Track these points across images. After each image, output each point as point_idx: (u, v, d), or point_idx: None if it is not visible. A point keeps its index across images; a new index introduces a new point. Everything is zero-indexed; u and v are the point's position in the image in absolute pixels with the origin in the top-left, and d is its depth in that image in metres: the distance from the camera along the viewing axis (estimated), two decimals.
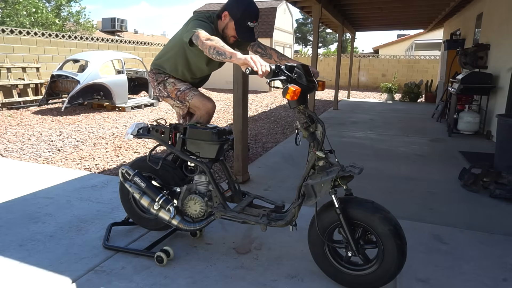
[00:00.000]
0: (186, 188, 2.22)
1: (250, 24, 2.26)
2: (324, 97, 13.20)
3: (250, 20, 2.25)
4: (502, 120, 3.89)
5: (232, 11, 2.24)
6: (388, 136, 6.12)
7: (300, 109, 1.85)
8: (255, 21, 2.28)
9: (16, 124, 6.47)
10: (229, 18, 2.26)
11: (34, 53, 9.27)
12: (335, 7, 8.09)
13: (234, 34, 2.30)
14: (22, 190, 3.26)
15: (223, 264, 2.17)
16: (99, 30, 23.49)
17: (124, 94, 8.45)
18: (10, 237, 2.43)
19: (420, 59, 17.07)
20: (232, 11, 2.24)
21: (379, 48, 24.23)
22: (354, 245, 1.85)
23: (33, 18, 13.82)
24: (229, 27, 2.29)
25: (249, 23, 2.25)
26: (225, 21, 2.29)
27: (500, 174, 3.46)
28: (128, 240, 2.41)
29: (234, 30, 2.27)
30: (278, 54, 2.45)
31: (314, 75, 1.91)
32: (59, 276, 2.01)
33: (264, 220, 2.03)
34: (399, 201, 3.22)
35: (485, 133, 6.12)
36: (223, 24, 2.31)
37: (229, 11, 2.25)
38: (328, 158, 1.87)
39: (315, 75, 1.94)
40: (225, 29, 2.31)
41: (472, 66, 6.62)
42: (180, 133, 2.20)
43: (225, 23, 2.29)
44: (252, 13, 2.25)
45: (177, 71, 2.46)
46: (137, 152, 4.84)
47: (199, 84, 2.65)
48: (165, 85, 2.49)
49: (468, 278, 2.07)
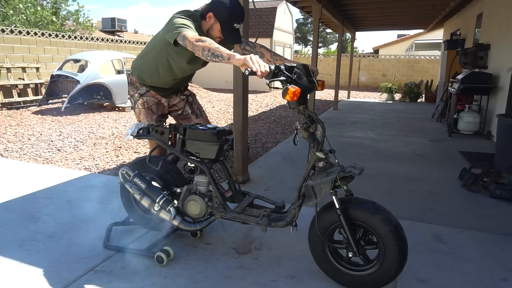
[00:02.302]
0: (187, 189, 2.22)
1: (236, 26, 2.23)
2: (324, 97, 13.20)
3: (236, 22, 2.21)
4: (502, 120, 3.89)
5: (218, 12, 2.19)
6: (388, 136, 6.12)
7: (300, 109, 1.84)
8: (241, 22, 2.25)
9: (16, 124, 6.47)
10: (214, 20, 2.21)
11: (34, 53, 9.27)
12: (335, 7, 8.09)
13: (219, 35, 2.25)
14: (22, 190, 3.26)
15: (223, 264, 2.17)
16: (99, 30, 23.47)
17: (124, 94, 8.45)
18: (10, 237, 2.43)
19: (420, 59, 17.08)
20: (217, 13, 2.19)
21: (379, 48, 24.23)
22: (355, 246, 1.84)
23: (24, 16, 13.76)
24: (214, 28, 2.24)
25: (235, 25, 2.22)
26: (209, 22, 2.24)
27: (500, 174, 3.46)
28: (128, 240, 2.41)
29: (220, 32, 2.23)
30: (271, 53, 2.38)
31: (314, 74, 1.90)
32: (59, 276, 2.01)
33: (265, 221, 2.03)
34: (399, 201, 3.22)
35: (485, 133, 6.12)
36: (208, 25, 2.26)
37: (214, 13, 2.20)
38: (328, 159, 1.87)
39: (315, 74, 1.92)
40: (210, 30, 2.26)
41: (472, 66, 6.62)
42: (179, 134, 2.20)
43: (210, 25, 2.24)
44: (238, 15, 2.21)
45: (158, 73, 2.41)
46: (137, 152, 4.84)
47: (181, 83, 2.60)
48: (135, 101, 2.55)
49: (468, 278, 2.07)
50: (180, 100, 2.66)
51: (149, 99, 2.52)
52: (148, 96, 2.51)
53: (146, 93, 2.50)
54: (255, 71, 1.68)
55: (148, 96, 2.51)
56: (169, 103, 2.63)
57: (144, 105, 2.52)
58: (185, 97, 2.68)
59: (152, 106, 2.53)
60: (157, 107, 2.56)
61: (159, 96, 2.54)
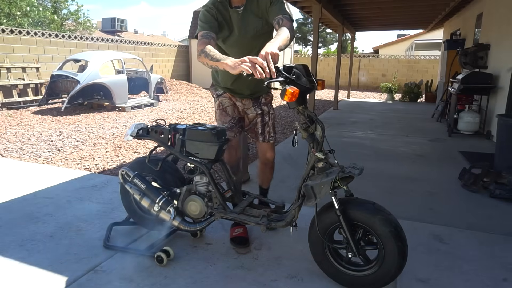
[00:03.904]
0: (186, 189, 2.22)
1: None
2: (324, 97, 13.20)
3: None
4: (502, 120, 3.89)
5: None
6: (388, 136, 6.12)
7: (300, 109, 1.83)
8: None
9: (16, 124, 6.47)
10: None
11: (34, 53, 9.27)
12: (335, 7, 8.08)
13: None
14: (22, 190, 3.26)
15: (223, 264, 2.17)
16: (99, 30, 23.49)
17: (124, 94, 8.45)
18: (10, 237, 2.43)
19: (420, 59, 17.07)
20: None
21: (379, 48, 24.23)
22: (355, 246, 1.84)
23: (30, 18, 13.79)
24: None
25: None
26: None
27: (500, 174, 3.46)
28: (128, 240, 2.41)
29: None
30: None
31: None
32: (59, 276, 2.01)
33: (264, 221, 2.03)
34: (399, 201, 3.22)
35: (485, 133, 6.12)
36: None
37: None
38: (327, 159, 1.86)
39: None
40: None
41: (472, 66, 6.62)
42: (179, 134, 2.20)
43: None
44: None
45: (217, 71, 2.37)
46: (137, 152, 4.84)
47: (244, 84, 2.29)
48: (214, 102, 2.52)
49: (468, 278, 2.07)
50: (254, 111, 2.45)
51: (225, 100, 2.44)
52: (224, 97, 2.44)
53: (223, 94, 2.44)
54: (252, 73, 1.67)
55: (224, 98, 2.43)
56: (244, 108, 2.46)
57: (219, 106, 2.45)
58: (261, 111, 2.44)
59: (227, 108, 2.44)
60: (232, 109, 2.44)
61: (234, 99, 2.44)
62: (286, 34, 1.90)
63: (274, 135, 2.49)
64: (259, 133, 2.46)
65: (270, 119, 2.47)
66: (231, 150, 2.46)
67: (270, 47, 1.74)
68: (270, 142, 2.48)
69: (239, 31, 2.21)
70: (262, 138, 2.46)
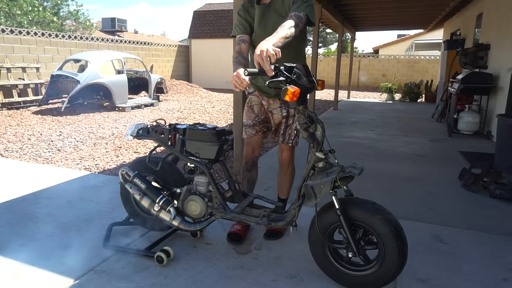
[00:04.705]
0: (186, 189, 2.22)
1: None
2: (324, 97, 13.20)
3: None
4: (502, 120, 3.89)
5: None
6: (388, 136, 6.12)
7: (300, 109, 1.84)
8: None
9: (16, 124, 6.47)
10: None
11: (34, 53, 9.27)
12: (335, 7, 8.09)
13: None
14: (22, 190, 3.26)
15: (223, 264, 2.17)
16: (99, 30, 23.48)
17: (124, 94, 8.45)
18: (10, 237, 2.43)
19: (420, 59, 17.07)
20: None
21: (379, 48, 24.23)
22: (355, 246, 1.84)
23: (30, 16, 13.80)
24: None
25: None
26: None
27: (500, 174, 3.46)
28: (128, 240, 2.41)
29: None
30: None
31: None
32: (59, 276, 2.01)
33: (264, 221, 2.03)
34: (399, 201, 3.22)
35: (485, 133, 6.12)
36: None
37: None
38: (328, 159, 1.86)
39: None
40: None
41: (472, 66, 6.62)
42: (179, 134, 2.20)
43: None
44: None
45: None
46: (137, 152, 4.84)
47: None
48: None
49: (468, 278, 2.07)
50: (280, 113, 2.43)
51: (253, 98, 2.49)
52: (253, 95, 2.49)
53: (253, 92, 2.48)
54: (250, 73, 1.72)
55: (253, 96, 2.48)
56: (268, 107, 2.46)
57: (248, 103, 2.52)
58: (286, 114, 2.42)
59: (254, 106, 2.48)
60: (259, 108, 2.48)
61: (261, 97, 2.46)
62: (285, 31, 1.91)
63: (295, 138, 2.46)
64: (281, 134, 2.47)
65: (294, 122, 2.42)
66: (248, 147, 2.50)
67: (265, 44, 1.73)
68: (288, 145, 2.46)
69: (259, 27, 2.27)
70: (282, 139, 2.46)
